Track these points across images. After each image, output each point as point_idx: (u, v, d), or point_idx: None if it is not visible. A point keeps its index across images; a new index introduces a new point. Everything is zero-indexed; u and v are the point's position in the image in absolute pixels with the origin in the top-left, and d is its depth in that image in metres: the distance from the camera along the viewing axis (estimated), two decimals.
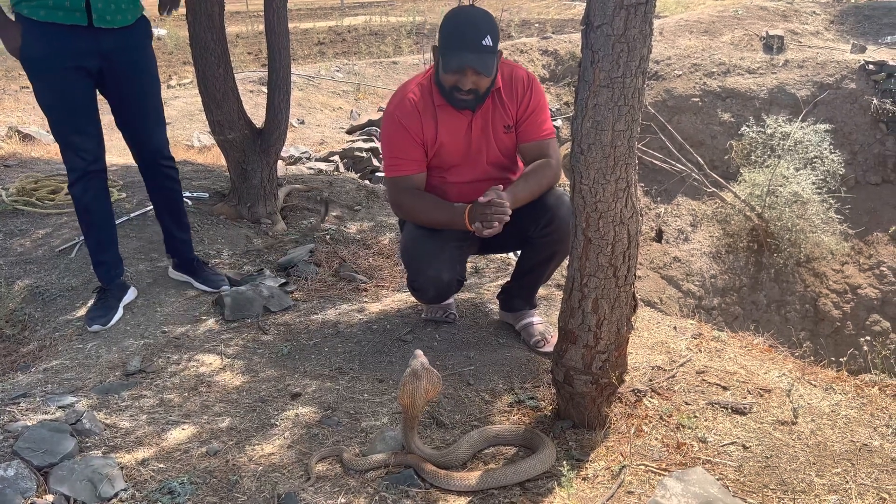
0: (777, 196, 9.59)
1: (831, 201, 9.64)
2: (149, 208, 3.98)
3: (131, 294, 3.11)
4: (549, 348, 2.58)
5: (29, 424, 2.11)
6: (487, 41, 2.36)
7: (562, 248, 2.58)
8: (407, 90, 2.57)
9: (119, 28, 2.76)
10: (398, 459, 1.98)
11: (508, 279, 2.86)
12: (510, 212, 2.38)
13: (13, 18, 2.69)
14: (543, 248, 2.61)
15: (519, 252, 2.78)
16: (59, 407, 2.25)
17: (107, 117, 2.87)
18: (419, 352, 2.02)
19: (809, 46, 11.76)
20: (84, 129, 2.80)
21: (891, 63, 10.65)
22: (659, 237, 10.57)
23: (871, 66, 10.72)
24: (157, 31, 23.88)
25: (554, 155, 2.60)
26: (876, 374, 2.52)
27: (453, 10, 2.46)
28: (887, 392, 2.34)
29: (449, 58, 2.39)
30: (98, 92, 2.87)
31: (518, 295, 2.79)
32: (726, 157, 10.48)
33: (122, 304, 3.02)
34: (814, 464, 1.99)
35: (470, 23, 2.38)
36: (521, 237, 2.59)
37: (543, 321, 2.78)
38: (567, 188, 2.27)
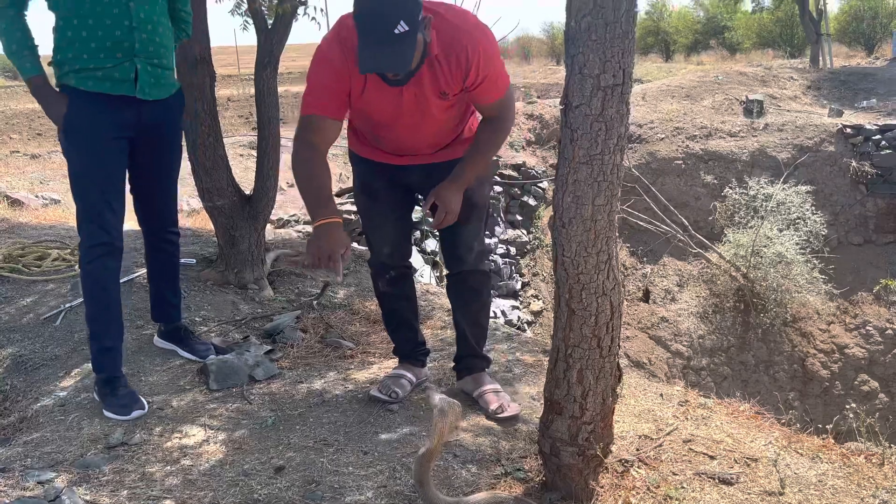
0: (761, 257, 9.71)
1: (815, 261, 9.76)
2: (136, 274, 3.98)
3: None
4: (506, 415, 2.59)
5: (7, 502, 2.06)
6: (401, 27, 2.07)
7: (469, 296, 2.71)
8: (343, 26, 2.28)
9: (159, 100, 2.80)
10: None
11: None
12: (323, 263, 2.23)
13: (58, 90, 2.70)
14: (456, 296, 2.74)
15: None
16: (39, 482, 2.21)
17: None
18: (432, 387, 2.01)
19: (788, 110, 12.06)
20: (112, 203, 2.73)
21: (868, 127, 10.93)
22: (646, 297, 10.61)
23: (848, 130, 10.99)
24: None
25: (504, 113, 2.44)
26: (861, 441, 2.53)
27: None
28: (873, 461, 2.35)
29: (360, 53, 2.13)
30: None
31: (464, 351, 2.82)
32: (710, 219, 10.62)
33: None
34: None
35: (378, 9, 2.10)
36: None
37: (500, 388, 2.77)
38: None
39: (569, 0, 1.76)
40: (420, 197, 2.70)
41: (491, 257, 8.87)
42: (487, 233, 2.85)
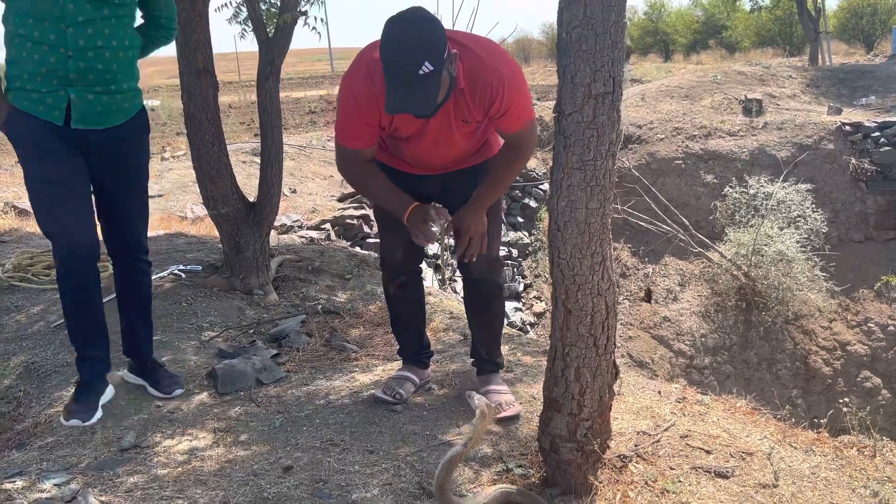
0: (762, 255, 9.76)
1: (816, 259, 9.82)
2: None
3: (109, 393, 2.89)
4: (505, 415, 2.66)
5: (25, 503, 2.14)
6: (426, 68, 2.12)
7: (482, 303, 2.78)
8: (365, 67, 2.34)
9: (111, 127, 2.68)
10: None
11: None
12: (436, 239, 2.44)
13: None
14: (470, 302, 2.80)
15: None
16: (55, 485, 2.28)
17: None
18: (473, 392, 2.10)
19: (787, 109, 12.13)
20: (76, 211, 2.63)
21: (866, 124, 10.99)
22: (648, 297, 10.67)
23: (847, 128, 11.04)
24: (151, 102, 24.34)
25: (524, 143, 2.51)
26: (854, 435, 2.59)
27: (387, 29, 2.19)
28: (865, 453, 2.41)
29: (388, 95, 2.20)
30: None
31: (476, 351, 2.89)
32: (711, 218, 10.68)
33: (100, 404, 2.80)
34: None
35: (403, 51, 2.14)
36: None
37: (506, 389, 2.83)
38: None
39: (560, 12, 1.83)
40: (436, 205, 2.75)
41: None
42: None
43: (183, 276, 4.20)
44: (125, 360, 3.08)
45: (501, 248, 3.05)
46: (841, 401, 2.71)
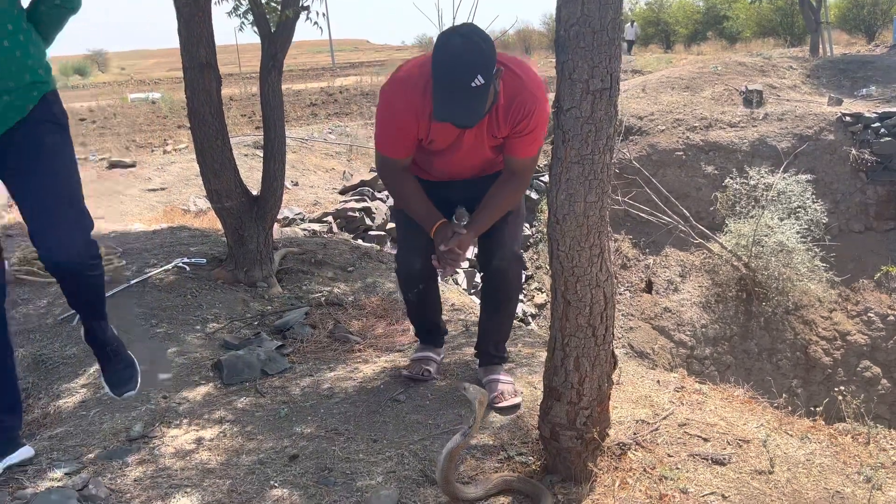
0: (763, 246, 9.81)
1: (816, 250, 9.86)
2: (148, 274, 4.11)
3: (24, 453, 2.43)
4: (505, 404, 2.70)
5: (37, 491, 2.19)
6: (478, 81, 2.20)
7: (501, 297, 2.78)
8: (409, 77, 2.46)
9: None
10: None
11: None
12: (464, 264, 2.52)
13: None
14: (486, 296, 2.79)
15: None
16: (66, 474, 2.34)
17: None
18: (466, 384, 2.15)
19: (788, 100, 12.14)
20: None
21: (867, 115, 11.01)
22: (649, 288, 10.72)
23: (847, 118, 11.07)
24: (152, 95, 24.33)
25: (524, 174, 2.64)
26: (849, 423, 2.64)
27: (442, 41, 2.27)
28: (859, 440, 2.46)
29: (437, 103, 2.29)
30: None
31: (484, 346, 2.93)
32: (711, 209, 10.72)
33: (3, 464, 2.36)
34: None
35: (458, 64, 2.21)
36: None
37: (509, 380, 2.88)
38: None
39: (558, 10, 1.86)
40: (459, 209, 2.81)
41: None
42: None
43: (187, 268, 4.25)
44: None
45: None
46: (836, 389, 2.75)
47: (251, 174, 6.67)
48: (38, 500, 2.11)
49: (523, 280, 9.21)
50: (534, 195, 10.34)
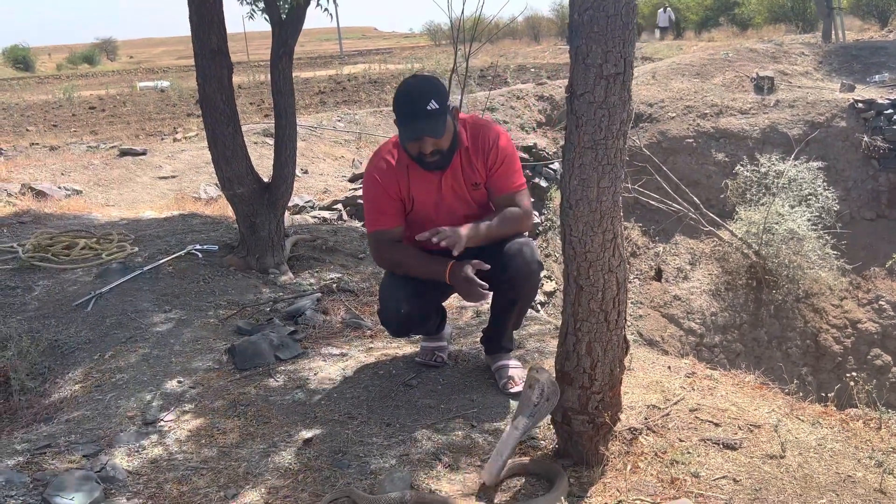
0: (773, 233, 9.76)
1: (827, 237, 9.80)
2: (161, 261, 4.13)
3: None
4: (516, 389, 2.71)
5: (56, 473, 2.22)
6: (432, 105, 2.51)
7: (520, 295, 2.75)
8: (383, 150, 2.78)
9: None
10: (417, 497, 2.09)
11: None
12: (487, 294, 2.63)
13: None
14: (503, 295, 2.77)
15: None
16: (84, 456, 2.37)
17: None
18: (542, 369, 2.19)
19: (799, 86, 12.05)
20: None
21: (879, 101, 10.91)
22: (658, 276, 10.70)
23: (860, 105, 10.98)
24: (160, 83, 24.36)
25: (524, 205, 2.75)
26: (861, 408, 2.64)
27: (401, 84, 2.67)
28: (871, 425, 2.46)
29: (402, 129, 2.59)
30: None
31: (492, 338, 2.94)
32: (722, 196, 10.67)
33: None
34: (800, 495, 2.10)
35: (413, 92, 2.57)
36: (490, 282, 2.68)
37: (518, 365, 2.90)
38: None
39: None
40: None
41: None
42: None
43: (199, 255, 4.28)
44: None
45: None
46: (848, 374, 2.75)
47: (261, 161, 6.68)
48: (58, 481, 2.14)
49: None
50: (543, 183, 10.31)
